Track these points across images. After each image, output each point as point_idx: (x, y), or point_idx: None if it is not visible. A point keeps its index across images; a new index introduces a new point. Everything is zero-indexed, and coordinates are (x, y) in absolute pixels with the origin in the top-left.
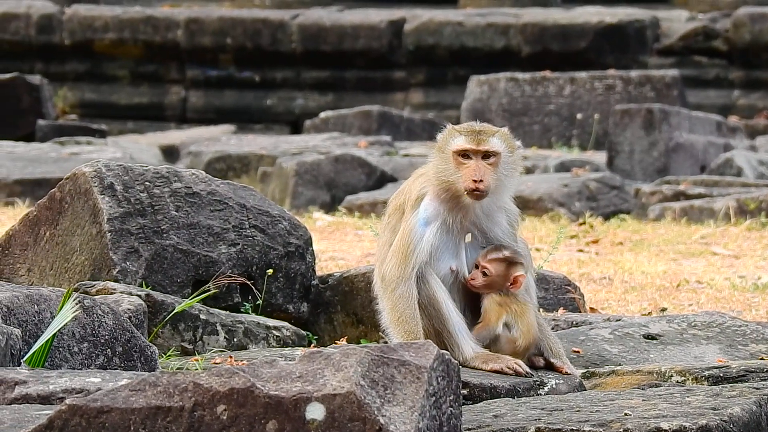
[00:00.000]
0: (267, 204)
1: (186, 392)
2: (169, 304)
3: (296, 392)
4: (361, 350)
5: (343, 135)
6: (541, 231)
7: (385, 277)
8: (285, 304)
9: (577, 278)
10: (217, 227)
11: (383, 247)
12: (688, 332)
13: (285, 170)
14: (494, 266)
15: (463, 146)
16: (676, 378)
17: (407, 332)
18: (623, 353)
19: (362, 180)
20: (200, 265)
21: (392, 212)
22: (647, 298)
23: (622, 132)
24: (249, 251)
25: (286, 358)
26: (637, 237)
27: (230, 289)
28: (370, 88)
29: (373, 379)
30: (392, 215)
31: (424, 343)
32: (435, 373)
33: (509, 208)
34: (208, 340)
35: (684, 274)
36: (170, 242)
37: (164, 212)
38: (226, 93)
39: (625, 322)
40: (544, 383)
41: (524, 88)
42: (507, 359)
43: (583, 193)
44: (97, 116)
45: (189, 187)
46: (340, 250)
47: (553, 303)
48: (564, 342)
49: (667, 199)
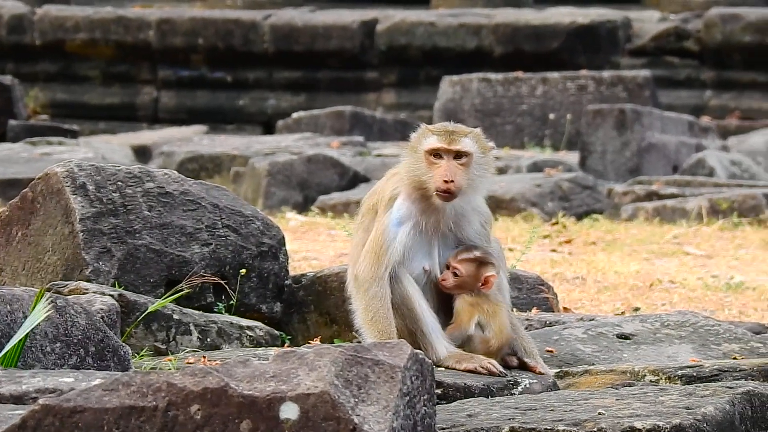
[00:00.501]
0: (240, 204)
1: (159, 392)
2: (142, 304)
3: (270, 392)
4: (334, 350)
5: (316, 135)
6: (514, 231)
7: (358, 277)
8: (258, 304)
9: (550, 278)
10: (189, 227)
11: (356, 247)
12: (662, 332)
13: (258, 170)
14: (465, 267)
15: (435, 146)
16: (650, 377)
17: (381, 332)
18: (597, 353)
19: (335, 180)
20: (173, 265)
21: (365, 212)
22: (620, 298)
23: (594, 132)
24: (222, 251)
25: (260, 357)
26: (609, 237)
27: (203, 289)
28: (343, 89)
29: (347, 379)
30: (365, 215)
31: (398, 342)
32: (409, 372)
33: (482, 209)
34: (181, 340)
35: (657, 274)
36: (143, 242)
37: (137, 212)
38: (198, 93)
39: (599, 322)
40: (518, 383)
41: (497, 89)
42: (480, 359)
43: (555, 193)
44: (69, 116)
45: (161, 187)
46: (313, 250)
47: (526, 303)
48: (537, 342)
49: (639, 199)
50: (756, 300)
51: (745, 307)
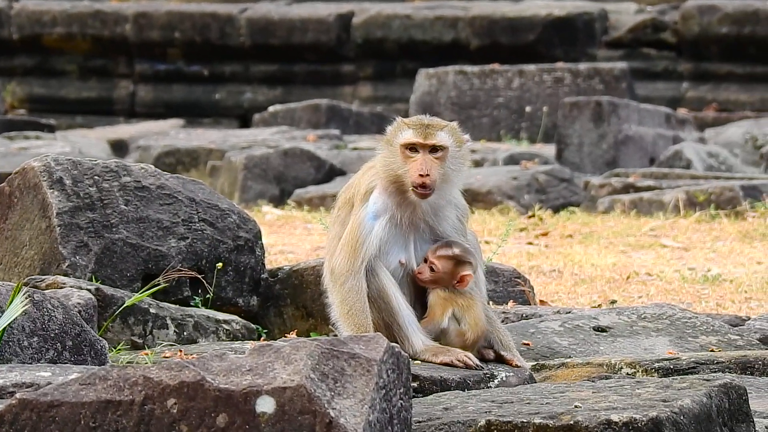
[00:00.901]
0: (216, 198)
1: (136, 386)
2: (119, 298)
3: (246, 385)
4: (311, 343)
5: (292, 129)
6: (491, 224)
7: (334, 271)
8: (235, 297)
9: (526, 271)
10: (166, 221)
11: (332, 241)
12: (638, 324)
13: (234, 164)
14: (442, 263)
15: (411, 140)
16: (627, 370)
17: (357, 325)
18: (573, 345)
19: (311, 174)
20: (150, 259)
21: (341, 205)
22: (597, 291)
23: (571, 124)
24: (198, 245)
25: (236, 351)
26: (586, 229)
27: (180, 283)
28: (319, 82)
29: (324, 372)
30: (341, 208)
31: (374, 336)
32: (385, 366)
33: (458, 202)
34: (158, 334)
35: (634, 267)
36: (120, 236)
37: (113, 206)
38: (175, 87)
39: (575, 315)
40: (495, 376)
41: (473, 81)
42: (457, 352)
43: (532, 185)
44: (46, 111)
45: (138, 181)
46: (289, 243)
47: (503, 296)
48: (514, 335)
49: (616, 192)
50: (733, 292)
51: (722, 299)
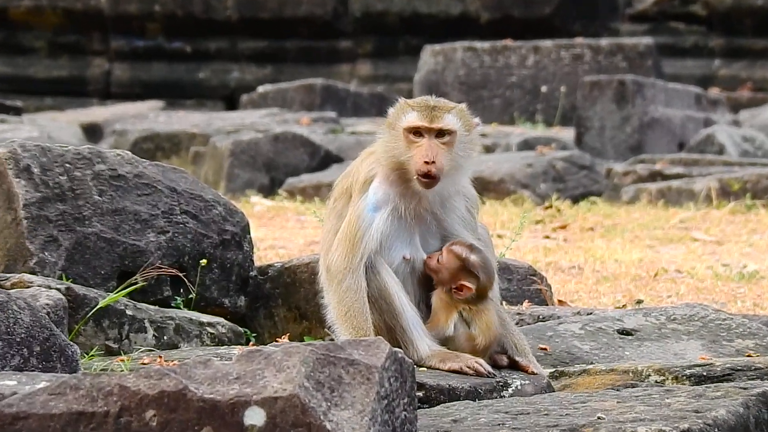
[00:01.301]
0: (200, 187)
1: (111, 396)
2: (92, 299)
3: (233, 395)
4: (305, 348)
5: (284, 111)
6: (503, 215)
7: (330, 268)
8: (220, 297)
9: (543, 267)
10: (144, 213)
11: (328, 235)
12: (667, 327)
13: (219, 150)
14: (448, 258)
15: (415, 123)
16: (655, 377)
17: (356, 328)
18: (595, 350)
19: (305, 160)
20: (126, 255)
21: (338, 196)
22: (621, 290)
23: (591, 106)
24: (180, 239)
25: (222, 357)
26: (609, 222)
27: (160, 281)
28: (313, 60)
29: (319, 381)
30: (338, 199)
31: (375, 340)
32: (387, 373)
33: (467, 191)
34: (135, 339)
35: (662, 263)
36: (93, 230)
37: (86, 197)
38: (154, 65)
39: (598, 316)
40: (509, 384)
41: (483, 59)
42: (467, 358)
43: (548, 173)
44: (12, 92)
45: (114, 169)
46: (280, 237)
47: (517, 295)
48: (530, 338)
49: (642, 180)
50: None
51: (760, 298)
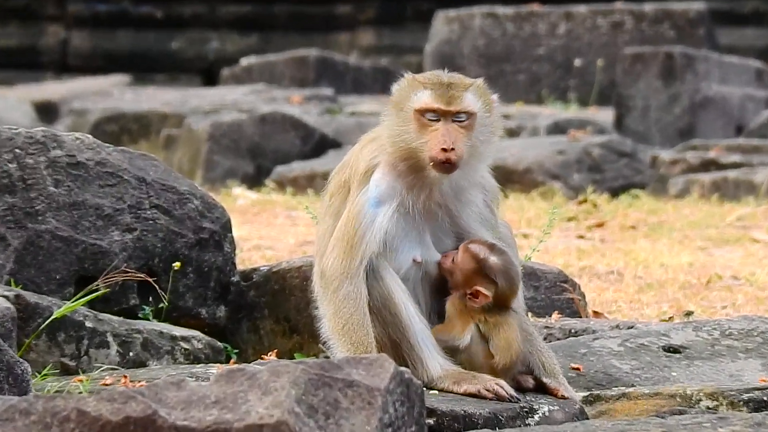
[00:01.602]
0: (173, 177)
1: (68, 422)
2: (46, 308)
3: (211, 422)
4: (295, 367)
5: (271, 87)
6: (530, 212)
7: (325, 273)
8: (196, 307)
9: (576, 273)
10: (108, 208)
11: (324, 237)
12: (721, 343)
13: (196, 133)
14: (463, 258)
15: (430, 104)
16: (707, 402)
17: (355, 343)
18: (637, 371)
19: (296, 146)
20: (86, 257)
21: (335, 191)
22: (668, 299)
23: (633, 83)
24: (149, 239)
25: (198, 377)
26: (654, 219)
27: (125, 288)
28: (306, 27)
29: (312, 405)
30: (335, 195)
31: (378, 357)
32: (392, 396)
33: (486, 182)
34: (95, 355)
35: (716, 268)
36: (47, 227)
37: (39, 188)
38: (119, 33)
39: (640, 331)
40: (535, 410)
41: (506, 27)
42: (485, 379)
43: (583, 162)
44: None
45: (72, 155)
46: (267, 236)
47: (545, 305)
48: (560, 356)
49: (692, 170)
50: None
51: None
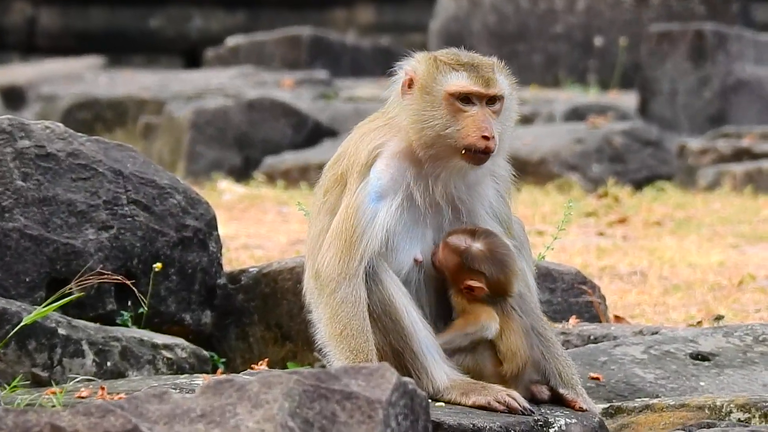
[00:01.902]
0: (152, 170)
1: None
2: (14, 314)
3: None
4: (288, 378)
5: (260, 70)
6: (545, 206)
7: (321, 275)
8: (180, 312)
9: (595, 273)
10: (81, 204)
11: (317, 237)
12: (755, 350)
13: (177, 121)
14: (444, 253)
15: (468, 87)
16: (738, 415)
17: (354, 351)
18: (662, 380)
19: (287, 134)
20: (58, 258)
21: (330, 186)
22: (696, 302)
23: (659, 64)
24: (127, 237)
25: (182, 389)
26: (681, 214)
27: (101, 291)
28: (299, 3)
29: (307, 419)
30: (330, 191)
31: (379, 367)
32: (394, 409)
33: (498, 172)
34: (70, 365)
35: (749, 267)
36: (15, 225)
37: (6, 182)
38: (92, 11)
39: (665, 337)
40: (550, 423)
41: (519, 2)
42: (496, 390)
43: (604, 151)
44: None
45: (41, 146)
46: (256, 235)
47: (562, 309)
48: (578, 364)
49: (724, 160)
50: None
51: None
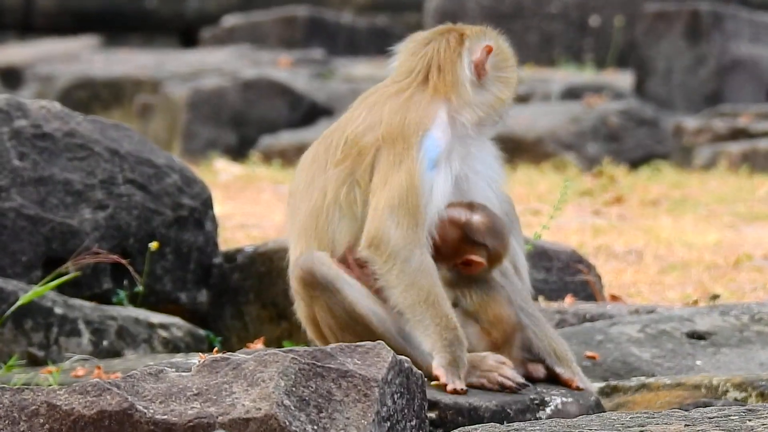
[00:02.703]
0: (148, 149)
1: (37, 417)
2: (11, 293)
3: (193, 416)
4: (284, 356)
5: (257, 49)
6: (541, 185)
7: (386, 243)
8: (175, 291)
9: (591, 253)
10: (77, 183)
11: (316, 213)
12: (751, 329)
13: (173, 101)
14: (443, 226)
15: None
16: (734, 394)
17: (441, 316)
18: (658, 359)
19: (284, 114)
20: (54, 237)
21: (357, 152)
22: (692, 281)
23: (655, 43)
24: (123, 217)
25: (178, 368)
26: (677, 193)
27: (97, 271)
28: None
29: (303, 398)
30: (351, 158)
31: (374, 345)
32: (390, 388)
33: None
34: (66, 344)
35: (745, 246)
36: (11, 205)
37: (2, 162)
38: None
39: (661, 316)
40: (546, 402)
41: None
42: (488, 368)
43: (600, 130)
44: None
45: (38, 125)
46: (253, 214)
47: (557, 288)
48: (574, 343)
49: (720, 139)
50: None
51: None
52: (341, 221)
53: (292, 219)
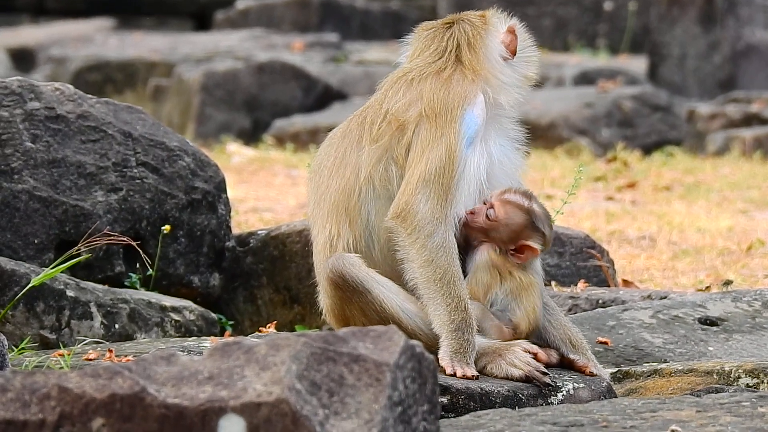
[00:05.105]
0: (162, 132)
1: (48, 400)
2: (23, 275)
3: (204, 400)
4: (296, 340)
5: (270, 32)
6: (554, 170)
7: (414, 216)
8: (188, 275)
9: (604, 238)
10: (90, 165)
11: (347, 189)
12: (763, 315)
13: (187, 84)
14: (506, 210)
15: None
16: (746, 380)
17: (454, 297)
18: (670, 345)
19: (297, 97)
20: (67, 220)
21: (399, 126)
22: (705, 267)
23: (669, 28)
24: (136, 199)
25: (191, 351)
26: (690, 179)
27: (110, 253)
28: None
29: (314, 382)
30: (389, 132)
31: (387, 329)
32: (402, 372)
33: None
34: (78, 327)
35: (757, 232)
36: (24, 187)
37: (15, 144)
38: None
39: (674, 301)
40: (558, 387)
41: None
42: (512, 354)
43: (613, 116)
44: None
45: (51, 107)
46: (266, 197)
47: (570, 273)
48: (586, 329)
49: (733, 125)
50: None
51: None
52: (376, 201)
53: (318, 197)
